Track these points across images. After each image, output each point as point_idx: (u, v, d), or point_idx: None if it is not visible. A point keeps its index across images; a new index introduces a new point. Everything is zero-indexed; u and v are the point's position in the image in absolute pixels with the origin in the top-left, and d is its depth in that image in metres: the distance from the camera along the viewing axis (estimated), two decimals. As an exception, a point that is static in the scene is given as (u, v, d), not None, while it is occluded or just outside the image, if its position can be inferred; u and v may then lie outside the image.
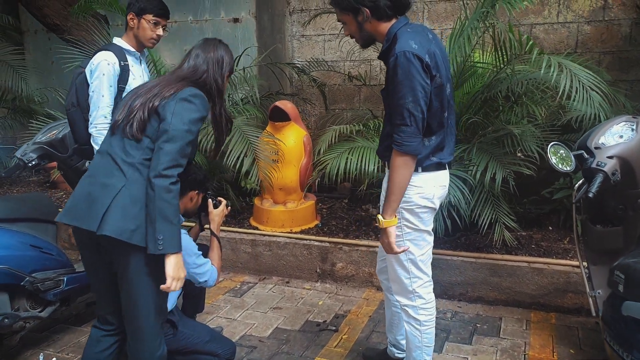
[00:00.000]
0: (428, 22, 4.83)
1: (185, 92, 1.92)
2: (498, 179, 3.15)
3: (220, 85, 2.08)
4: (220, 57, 2.07)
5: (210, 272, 2.49)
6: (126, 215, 1.83)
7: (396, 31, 2.04)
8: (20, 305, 2.64)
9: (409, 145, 1.98)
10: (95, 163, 1.98)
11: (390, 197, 2.05)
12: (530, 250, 3.54)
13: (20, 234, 2.65)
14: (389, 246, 2.11)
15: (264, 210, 4.15)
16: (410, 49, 1.93)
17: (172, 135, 1.83)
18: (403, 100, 1.94)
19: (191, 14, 5.81)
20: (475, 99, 3.59)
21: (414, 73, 1.93)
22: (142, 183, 1.86)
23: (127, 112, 1.95)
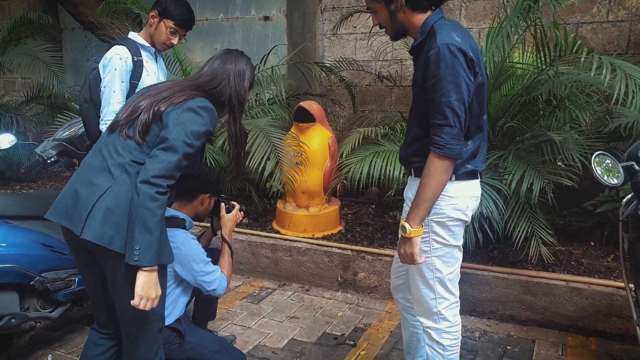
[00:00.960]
0: (465, 20, 4.59)
1: (195, 102, 1.81)
2: (535, 190, 2.89)
3: (242, 99, 1.97)
4: (242, 70, 1.97)
5: (219, 281, 2.36)
6: (107, 219, 1.72)
7: (433, 24, 1.85)
8: (30, 305, 2.58)
9: (453, 148, 1.77)
10: (87, 160, 1.88)
11: (421, 204, 1.84)
12: (570, 267, 3.26)
13: (32, 232, 2.59)
14: (411, 257, 1.89)
15: (286, 213, 4.00)
16: (454, 42, 1.75)
17: (171, 145, 1.72)
18: (446, 98, 1.74)
19: (222, 11, 5.74)
20: (513, 103, 3.34)
21: (459, 68, 1.74)
22: (129, 185, 1.74)
23: (131, 112, 1.85)
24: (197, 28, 5.80)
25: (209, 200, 2.54)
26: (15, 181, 5.86)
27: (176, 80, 1.98)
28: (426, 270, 1.99)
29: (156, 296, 1.74)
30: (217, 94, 1.92)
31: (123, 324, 1.89)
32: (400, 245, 1.93)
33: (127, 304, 1.74)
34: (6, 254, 2.41)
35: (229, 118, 1.98)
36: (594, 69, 2.59)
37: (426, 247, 1.95)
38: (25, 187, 5.71)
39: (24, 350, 2.84)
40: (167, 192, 1.71)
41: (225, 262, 2.45)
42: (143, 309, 1.72)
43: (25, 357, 2.79)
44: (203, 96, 1.87)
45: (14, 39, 5.95)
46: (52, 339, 2.98)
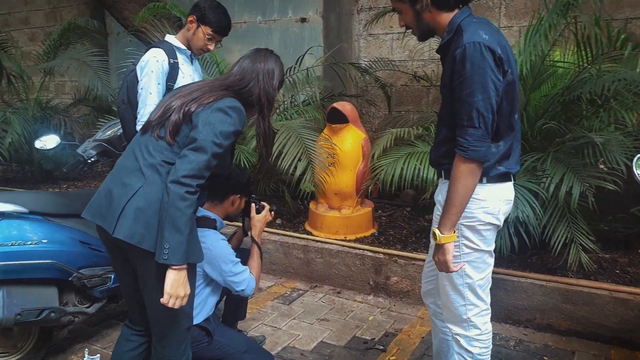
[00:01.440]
0: (505, 18, 4.45)
1: (224, 103, 1.82)
2: (575, 194, 2.75)
3: (271, 98, 1.97)
4: (271, 69, 1.97)
5: (248, 281, 2.37)
6: (138, 218, 1.75)
7: (460, 22, 1.80)
8: (69, 300, 2.68)
9: (477, 150, 1.71)
10: (120, 160, 1.92)
11: (450, 209, 1.78)
12: (614, 276, 3.10)
13: (71, 229, 2.67)
14: (446, 265, 1.84)
15: (318, 215, 3.98)
16: (481, 40, 1.69)
17: (200, 145, 1.74)
18: (472, 98, 1.69)
19: (260, 14, 5.79)
20: (554, 103, 3.20)
21: (485, 67, 1.68)
22: (160, 185, 1.77)
23: (162, 112, 1.88)
24: (235, 31, 5.87)
25: (240, 201, 2.55)
26: (63, 180, 6.10)
27: (207, 80, 2.00)
28: (456, 276, 1.92)
29: (185, 294, 1.76)
30: (246, 94, 1.92)
31: (152, 321, 1.93)
32: (434, 253, 1.88)
33: (157, 301, 1.77)
34: (46, 250, 2.50)
35: (258, 117, 1.98)
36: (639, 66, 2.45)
37: (456, 252, 1.89)
38: (72, 185, 5.93)
39: (64, 343, 2.95)
40: (196, 192, 1.73)
41: (255, 263, 2.45)
42: (172, 307, 1.74)
43: (65, 350, 2.89)
44: (232, 96, 1.88)
45: (64, 43, 6.20)
46: (90, 333, 3.07)
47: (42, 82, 5.82)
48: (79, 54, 5.78)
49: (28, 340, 2.67)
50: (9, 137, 4.90)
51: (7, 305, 2.39)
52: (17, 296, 2.43)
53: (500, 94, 1.74)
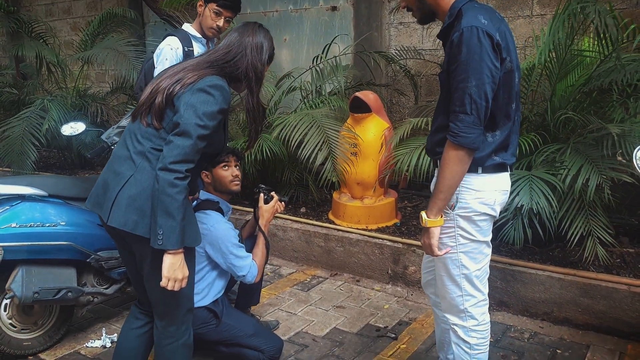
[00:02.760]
0: (538, 6, 4.34)
1: (204, 82, 1.81)
2: (591, 186, 2.69)
3: (259, 72, 1.95)
4: (259, 43, 1.95)
5: (249, 267, 2.43)
6: (131, 206, 1.81)
7: (461, 6, 1.77)
8: (87, 281, 2.79)
9: (467, 136, 1.71)
10: (114, 150, 1.98)
11: (437, 194, 1.80)
12: (637, 270, 3.02)
13: (88, 212, 2.75)
14: (430, 248, 1.87)
15: (341, 204, 4.03)
16: (479, 25, 1.67)
17: (184, 130, 1.74)
18: (465, 84, 1.67)
19: (291, 2, 5.82)
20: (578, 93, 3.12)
21: (482, 53, 1.66)
22: (150, 172, 1.81)
23: (149, 96, 1.87)
24: (267, 19, 5.96)
25: (212, 175, 2.58)
26: (100, 166, 6.35)
27: (192, 59, 1.97)
28: (452, 267, 1.94)
29: (183, 277, 1.81)
30: (232, 68, 1.90)
31: (153, 302, 2.01)
32: (422, 236, 1.91)
33: (155, 284, 1.85)
34: (65, 232, 2.62)
35: (247, 92, 1.96)
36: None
37: (452, 243, 1.90)
38: (108, 171, 6.17)
39: (85, 323, 3.10)
40: (186, 177, 1.75)
41: (259, 251, 2.50)
42: (172, 289, 1.81)
43: (86, 329, 3.05)
44: (215, 73, 1.86)
45: (102, 33, 6.41)
46: (111, 314, 3.21)
47: (80, 70, 6.03)
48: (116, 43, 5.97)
49: (49, 318, 2.81)
50: (46, 123, 5.11)
51: (26, 284, 2.51)
52: (36, 275, 2.55)
53: (497, 82, 1.72)
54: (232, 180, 2.59)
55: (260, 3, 5.96)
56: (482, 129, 1.74)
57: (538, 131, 3.27)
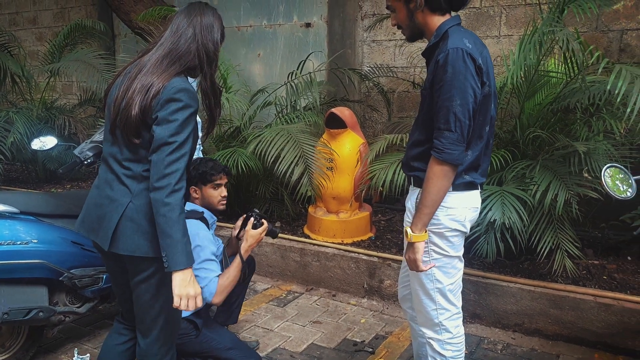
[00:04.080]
0: (506, 27, 4.51)
1: (169, 91, 1.74)
2: (560, 201, 2.82)
3: (211, 53, 1.87)
4: (209, 23, 1.87)
5: (209, 282, 2.34)
6: (137, 232, 1.80)
7: (448, 28, 1.87)
8: (59, 300, 2.70)
9: (451, 153, 1.78)
10: (100, 170, 1.94)
11: (422, 209, 1.85)
12: (601, 282, 3.15)
13: (63, 230, 2.71)
14: (415, 263, 1.91)
15: (316, 219, 4.06)
16: (464, 47, 1.76)
17: (160, 144, 1.71)
18: (450, 103, 1.75)
19: (265, 18, 5.88)
20: (545, 111, 3.26)
21: (466, 73, 1.75)
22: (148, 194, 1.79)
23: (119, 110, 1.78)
24: (241, 34, 5.99)
25: (201, 191, 2.59)
26: (67, 181, 6.21)
27: (145, 56, 1.86)
28: (426, 281, 2.00)
29: (196, 294, 1.77)
30: (186, 53, 1.83)
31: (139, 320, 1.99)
32: (406, 251, 1.95)
33: (147, 302, 1.86)
34: (37, 250, 2.54)
35: (200, 75, 1.89)
36: (611, 79, 2.51)
37: (425, 258, 1.96)
38: (75, 186, 6.04)
39: (55, 343, 3.00)
40: (178, 190, 1.72)
41: (228, 271, 2.41)
42: (185, 309, 1.76)
43: (55, 350, 2.95)
44: (173, 74, 1.79)
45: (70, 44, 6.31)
46: (82, 333, 3.13)
47: (47, 82, 5.92)
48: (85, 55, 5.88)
49: (17, 340, 2.70)
50: (11, 136, 4.97)
51: None
52: (6, 295, 2.46)
53: (478, 102, 1.81)
54: (219, 201, 2.60)
55: (234, 18, 6.00)
56: (464, 146, 1.81)
57: (508, 148, 3.39)
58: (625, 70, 2.51)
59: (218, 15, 1.92)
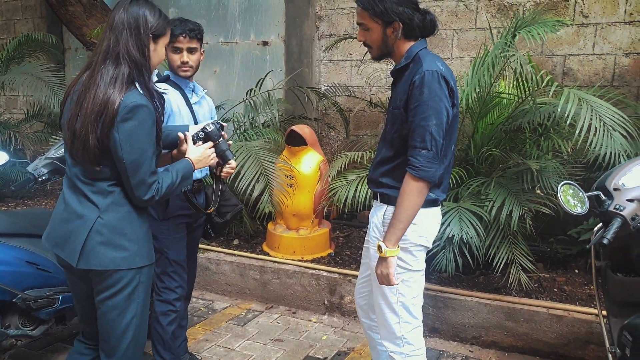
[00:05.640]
0: (457, 50, 4.70)
1: (121, 112, 1.71)
2: (514, 217, 2.95)
3: (136, 55, 1.74)
4: (132, 18, 1.75)
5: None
6: (109, 245, 1.80)
7: (418, 51, 1.95)
8: (12, 323, 2.59)
9: (427, 170, 1.86)
10: (65, 186, 1.92)
11: (396, 224, 1.89)
12: (552, 294, 3.30)
13: (17, 249, 2.62)
14: (388, 278, 1.94)
15: (276, 235, 4.05)
16: (439, 70, 1.86)
17: (129, 166, 1.75)
18: (426, 122, 1.83)
19: (222, 35, 5.87)
20: (498, 131, 3.41)
21: (441, 95, 1.84)
22: (119, 207, 1.82)
23: (75, 133, 1.76)
24: (197, 51, 5.95)
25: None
26: (12, 198, 5.92)
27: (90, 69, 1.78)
28: (390, 295, 2.04)
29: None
30: (121, 59, 1.74)
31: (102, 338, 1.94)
32: (377, 266, 1.97)
33: (111, 320, 1.85)
34: None
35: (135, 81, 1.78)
36: (561, 102, 2.68)
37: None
38: (21, 204, 5.77)
39: (6, 369, 2.86)
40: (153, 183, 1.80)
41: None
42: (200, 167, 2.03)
43: (8, 375, 2.81)
44: (121, 89, 1.72)
45: (17, 57, 6.09)
46: (35, 357, 2.99)
47: (-7, 96, 5.68)
48: (34, 68, 5.69)
49: None
50: (-50, 152, 4.72)
51: None
52: None
53: (449, 122, 1.89)
54: (179, 66, 2.45)
55: (190, 35, 5.95)
56: (438, 164, 1.89)
57: (462, 165, 3.51)
58: (573, 94, 2.68)
59: (150, 6, 1.80)
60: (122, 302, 1.87)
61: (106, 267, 1.81)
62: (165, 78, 2.53)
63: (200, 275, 4.04)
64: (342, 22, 5.09)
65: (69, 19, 5.61)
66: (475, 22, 4.47)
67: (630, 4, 3.99)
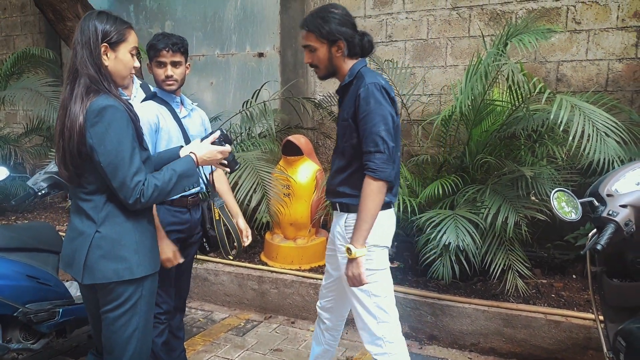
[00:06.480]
0: (451, 58, 4.73)
1: (90, 116, 1.72)
2: (510, 223, 2.96)
3: (91, 69, 1.75)
4: (83, 33, 1.76)
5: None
6: (108, 257, 1.83)
7: (359, 69, 2.12)
8: (13, 337, 2.62)
9: (384, 171, 2.01)
10: (72, 207, 1.96)
11: (362, 225, 2.02)
12: (550, 300, 3.30)
13: (17, 263, 2.65)
14: (359, 277, 2.04)
15: (274, 245, 4.06)
16: (380, 82, 2.04)
17: (111, 170, 1.74)
18: (376, 128, 1.99)
19: (218, 48, 5.92)
20: (493, 138, 3.43)
21: (385, 103, 2.02)
22: (114, 217, 1.84)
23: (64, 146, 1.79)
24: (194, 63, 5.99)
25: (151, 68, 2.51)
26: (12, 212, 5.95)
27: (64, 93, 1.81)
28: (365, 298, 2.15)
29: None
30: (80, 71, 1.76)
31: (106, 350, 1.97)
32: (348, 269, 2.06)
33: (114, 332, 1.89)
34: None
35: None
36: (554, 109, 2.71)
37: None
38: (21, 218, 5.79)
39: (8, 382, 2.87)
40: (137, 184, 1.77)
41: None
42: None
43: (8, 389, 2.81)
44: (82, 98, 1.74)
45: (17, 72, 6.14)
46: (36, 370, 3.01)
47: (-7, 111, 5.72)
48: (33, 83, 5.73)
49: None
50: (-49, 167, 4.75)
51: None
52: None
53: (395, 129, 2.04)
54: (163, 80, 2.44)
55: (187, 47, 6.00)
56: (393, 165, 2.02)
57: (458, 173, 3.53)
58: (566, 101, 2.70)
59: (104, 16, 1.80)
60: (124, 314, 1.89)
61: (110, 279, 1.83)
62: (152, 95, 2.55)
63: (199, 286, 4.04)
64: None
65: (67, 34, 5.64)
66: (469, 30, 4.51)
67: (622, 10, 4.02)
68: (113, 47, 1.80)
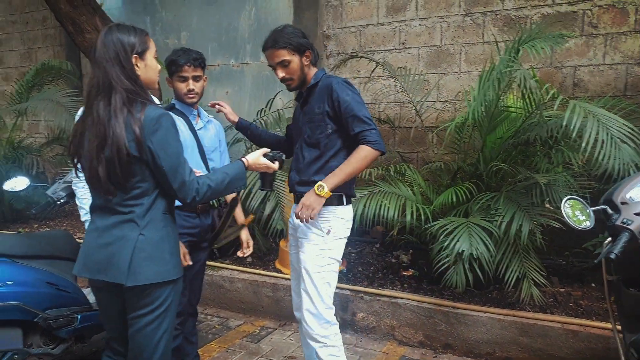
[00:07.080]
0: (465, 64, 4.71)
1: (149, 124, 1.79)
2: (524, 231, 2.93)
3: (128, 83, 1.81)
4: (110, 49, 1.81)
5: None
6: (152, 260, 1.88)
7: (322, 76, 2.37)
8: (34, 342, 2.68)
9: (381, 143, 2.22)
10: (96, 220, 1.95)
11: (340, 175, 2.18)
12: (568, 309, 3.24)
13: (37, 270, 2.71)
14: (313, 212, 2.16)
15: (288, 253, 4.06)
16: (347, 80, 2.30)
17: (172, 172, 1.84)
18: (362, 113, 2.22)
19: (233, 57, 5.99)
20: (507, 145, 3.40)
21: (359, 95, 2.27)
22: (156, 221, 1.90)
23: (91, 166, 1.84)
24: (209, 73, 6.04)
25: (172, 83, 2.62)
26: (34, 220, 6.08)
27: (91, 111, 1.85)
28: (320, 284, 2.32)
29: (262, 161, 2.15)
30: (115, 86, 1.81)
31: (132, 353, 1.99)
32: (307, 198, 2.18)
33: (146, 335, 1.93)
34: (11, 292, 2.52)
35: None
36: (567, 115, 2.67)
37: (322, 263, 2.32)
38: (43, 225, 5.91)
39: (28, 387, 2.92)
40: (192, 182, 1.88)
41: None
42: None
43: (27, 394, 2.86)
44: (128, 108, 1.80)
45: (38, 84, 6.29)
46: (54, 376, 3.05)
47: (14, 122, 5.85)
48: (54, 95, 5.87)
49: None
50: (-22, 176, 4.89)
51: None
52: None
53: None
54: (185, 94, 2.57)
55: (203, 57, 6.07)
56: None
57: (472, 180, 3.51)
58: (579, 107, 2.67)
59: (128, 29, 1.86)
60: (158, 317, 1.94)
61: (153, 280, 1.88)
62: (170, 106, 2.62)
63: (215, 293, 4.07)
64: (349, 41, 5.15)
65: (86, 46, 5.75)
66: (483, 36, 4.48)
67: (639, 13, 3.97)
68: (141, 56, 1.89)
